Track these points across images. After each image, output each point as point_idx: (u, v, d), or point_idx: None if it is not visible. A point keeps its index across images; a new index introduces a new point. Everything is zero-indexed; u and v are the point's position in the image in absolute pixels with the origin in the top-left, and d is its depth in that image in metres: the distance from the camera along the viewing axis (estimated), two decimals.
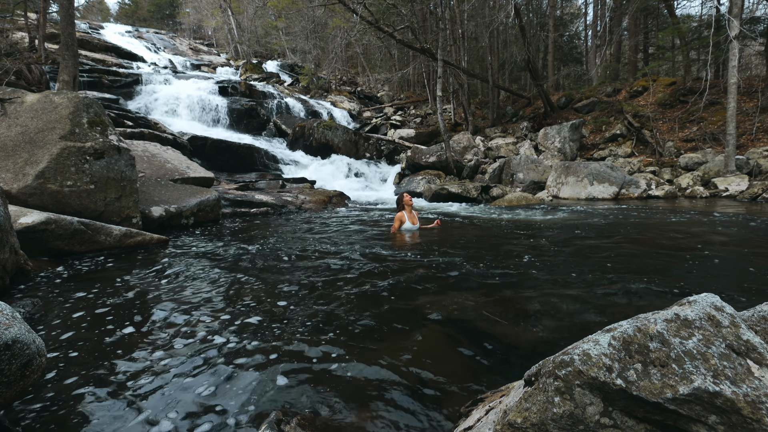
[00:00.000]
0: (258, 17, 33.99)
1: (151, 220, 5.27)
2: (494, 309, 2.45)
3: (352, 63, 30.79)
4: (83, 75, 13.56)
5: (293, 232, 5.55)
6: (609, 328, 0.99)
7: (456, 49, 17.40)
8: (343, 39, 17.69)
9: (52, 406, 1.54)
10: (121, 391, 1.63)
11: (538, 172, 11.46)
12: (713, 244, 4.20)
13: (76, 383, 1.69)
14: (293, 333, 2.16)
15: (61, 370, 1.79)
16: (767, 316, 1.04)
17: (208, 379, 1.71)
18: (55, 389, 1.65)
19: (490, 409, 1.21)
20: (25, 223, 3.58)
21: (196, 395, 1.59)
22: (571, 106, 17.05)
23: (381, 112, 21.49)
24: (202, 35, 44.32)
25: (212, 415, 1.47)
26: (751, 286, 2.76)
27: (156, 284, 3.06)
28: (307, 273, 3.33)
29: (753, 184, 8.92)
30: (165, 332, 2.18)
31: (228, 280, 3.17)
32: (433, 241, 4.69)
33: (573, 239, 4.60)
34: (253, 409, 1.50)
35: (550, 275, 3.13)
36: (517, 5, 14.69)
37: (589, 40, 25.28)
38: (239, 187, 9.35)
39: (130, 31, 33.37)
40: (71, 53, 9.92)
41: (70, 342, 2.07)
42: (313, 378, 1.71)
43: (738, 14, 9.62)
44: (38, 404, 1.55)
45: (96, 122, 4.83)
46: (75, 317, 2.40)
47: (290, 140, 14.78)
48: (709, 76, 12.53)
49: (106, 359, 1.89)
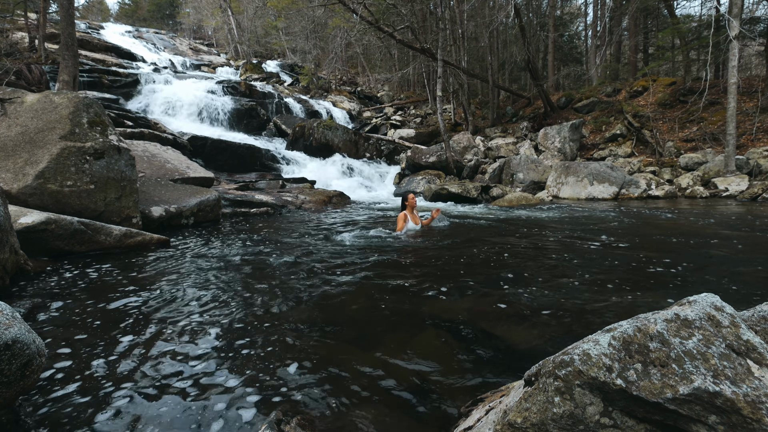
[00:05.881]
0: (258, 17, 33.97)
1: (151, 220, 5.27)
2: (493, 309, 2.45)
3: (352, 63, 30.79)
4: (83, 75, 13.56)
5: (293, 232, 5.55)
6: (609, 328, 0.99)
7: (456, 49, 17.40)
8: (343, 39, 17.68)
9: (52, 405, 1.54)
10: (121, 390, 1.63)
11: (538, 172, 11.46)
12: (713, 244, 4.20)
13: (77, 383, 1.69)
14: (293, 333, 2.16)
15: (61, 370, 1.79)
16: (767, 316, 1.04)
17: (207, 378, 1.71)
18: (55, 389, 1.65)
19: (490, 409, 1.21)
20: (25, 223, 3.58)
21: (197, 395, 1.59)
22: (571, 106, 17.04)
23: (381, 112, 21.49)
24: (202, 35, 44.31)
25: (212, 415, 1.47)
26: (751, 286, 2.76)
27: (156, 284, 3.06)
28: (307, 273, 3.33)
29: (753, 184, 8.92)
30: (165, 332, 2.18)
31: (228, 280, 3.17)
32: (433, 242, 4.69)
33: (573, 239, 4.60)
34: (253, 408, 1.50)
35: (550, 275, 3.12)
36: (517, 5, 14.69)
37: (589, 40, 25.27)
38: (239, 187, 9.35)
39: (130, 31, 33.36)
40: (71, 53, 9.92)
41: (70, 342, 2.06)
42: (313, 378, 1.71)
43: (738, 14, 9.61)
44: (38, 404, 1.55)
45: (96, 122, 4.83)
46: (75, 317, 2.40)
47: (290, 140, 14.77)
48: (709, 76, 12.53)
49: (106, 359, 1.89)
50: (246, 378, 1.71)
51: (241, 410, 1.49)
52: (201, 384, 1.67)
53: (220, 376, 1.72)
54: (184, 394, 1.60)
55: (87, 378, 1.73)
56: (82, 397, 1.59)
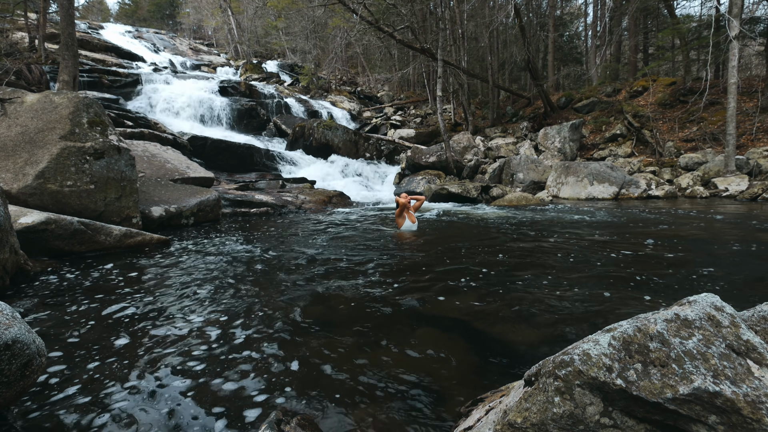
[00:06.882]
0: (258, 17, 33.98)
1: (151, 220, 5.27)
2: (493, 309, 2.45)
3: (352, 63, 30.79)
4: (83, 75, 13.56)
5: (293, 232, 5.55)
6: (609, 328, 0.99)
7: (456, 49, 17.40)
8: (343, 39, 17.69)
9: (52, 405, 1.54)
10: (121, 390, 1.63)
11: (538, 172, 11.46)
12: (713, 244, 4.20)
13: (77, 383, 1.69)
14: (293, 333, 2.16)
15: (61, 370, 1.79)
16: (767, 316, 1.04)
17: (207, 378, 1.71)
18: (55, 389, 1.65)
19: (490, 409, 1.21)
20: (25, 223, 3.58)
21: (196, 395, 1.59)
22: (571, 106, 17.04)
23: (381, 112, 21.49)
24: (202, 35, 44.32)
25: (212, 414, 1.47)
26: (751, 286, 2.76)
27: (156, 284, 3.06)
28: (307, 273, 3.33)
29: (753, 184, 8.92)
30: (165, 332, 2.18)
31: (228, 280, 3.17)
32: (432, 242, 4.69)
33: (573, 239, 4.60)
34: (253, 408, 1.50)
35: (550, 275, 3.13)
36: (517, 5, 14.69)
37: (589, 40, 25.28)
38: (239, 187, 9.35)
39: (130, 31, 33.37)
40: (71, 53, 9.92)
41: (70, 342, 2.06)
42: (313, 378, 1.71)
43: (738, 14, 9.61)
44: (38, 404, 1.55)
45: (96, 122, 4.83)
46: (75, 317, 2.40)
47: (290, 140, 14.77)
48: (709, 76, 12.53)
49: (106, 359, 1.89)
50: (246, 378, 1.71)
51: (241, 410, 1.49)
52: (201, 384, 1.67)
53: (220, 376, 1.72)
54: (185, 394, 1.60)
55: (87, 378, 1.73)
56: (81, 397, 1.59)
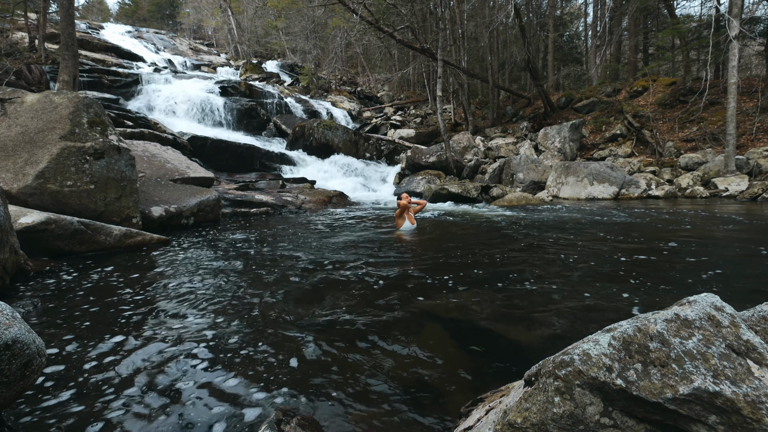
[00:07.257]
0: (258, 17, 33.98)
1: (151, 220, 5.27)
2: (494, 309, 2.45)
3: (352, 63, 30.79)
4: (83, 75, 13.56)
5: (293, 232, 5.55)
6: (609, 328, 0.99)
7: (456, 49, 17.40)
8: (343, 39, 17.68)
9: (52, 405, 1.54)
10: (121, 390, 1.63)
11: (538, 172, 11.46)
12: (713, 243, 4.20)
13: (76, 383, 1.69)
14: (293, 333, 2.16)
15: (61, 370, 1.79)
16: (767, 316, 1.04)
17: (207, 378, 1.71)
18: (55, 389, 1.65)
19: (490, 409, 1.21)
20: (25, 223, 3.58)
21: (197, 395, 1.59)
22: (571, 106, 17.04)
23: (381, 112, 21.49)
24: (202, 35, 44.32)
25: (213, 415, 1.47)
26: (751, 286, 2.76)
27: (156, 284, 3.06)
28: (307, 273, 3.33)
29: (753, 184, 8.92)
30: (165, 332, 2.18)
31: (228, 280, 3.17)
32: (432, 242, 4.69)
33: (573, 239, 4.60)
34: (253, 408, 1.50)
35: (550, 275, 3.13)
36: (517, 5, 14.69)
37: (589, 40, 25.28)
38: (239, 187, 9.35)
39: (130, 31, 33.39)
40: (71, 53, 9.92)
41: (70, 342, 2.06)
42: (313, 377, 1.71)
43: (738, 14, 9.61)
44: (38, 404, 1.55)
45: (96, 122, 4.83)
46: (75, 317, 2.40)
47: (290, 140, 14.77)
48: (709, 76, 12.53)
49: (106, 359, 1.89)
50: (246, 378, 1.71)
51: (241, 410, 1.49)
52: (201, 384, 1.67)
53: (220, 377, 1.72)
54: (184, 394, 1.60)
55: (86, 378, 1.73)
56: (81, 397, 1.59)
